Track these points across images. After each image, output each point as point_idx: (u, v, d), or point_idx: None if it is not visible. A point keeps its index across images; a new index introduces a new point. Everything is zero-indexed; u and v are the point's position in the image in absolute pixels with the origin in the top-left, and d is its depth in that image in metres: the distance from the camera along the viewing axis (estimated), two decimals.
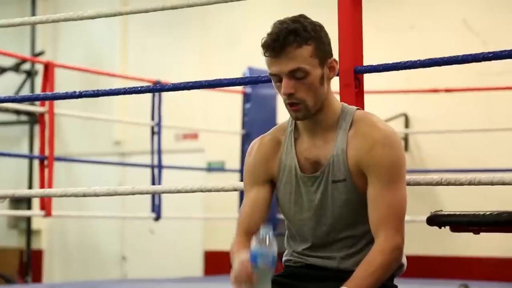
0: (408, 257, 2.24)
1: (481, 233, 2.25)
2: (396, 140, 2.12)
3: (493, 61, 2.62)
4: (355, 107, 2.20)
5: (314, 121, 2.16)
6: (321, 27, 2.14)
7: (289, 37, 2.07)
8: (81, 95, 3.22)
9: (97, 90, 3.24)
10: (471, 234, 2.28)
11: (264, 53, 2.11)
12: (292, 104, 2.11)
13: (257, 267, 1.94)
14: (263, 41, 2.10)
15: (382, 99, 7.45)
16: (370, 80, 2.95)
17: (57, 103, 5.98)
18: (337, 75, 2.77)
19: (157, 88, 3.62)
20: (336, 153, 2.13)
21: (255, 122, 6.93)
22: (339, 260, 2.14)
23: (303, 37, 2.08)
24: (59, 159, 6.16)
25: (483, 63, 2.65)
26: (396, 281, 2.21)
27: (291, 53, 2.08)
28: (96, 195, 3.19)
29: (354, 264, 2.10)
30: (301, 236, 2.19)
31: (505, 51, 2.53)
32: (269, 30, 2.16)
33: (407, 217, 2.16)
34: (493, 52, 2.55)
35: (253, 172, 2.23)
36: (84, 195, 3.21)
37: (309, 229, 2.17)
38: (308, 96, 2.10)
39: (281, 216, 2.28)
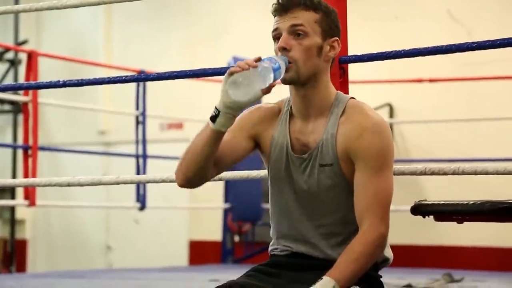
0: (392, 247, 2.25)
1: (465, 223, 2.26)
2: (386, 128, 2.14)
3: (477, 51, 2.63)
4: (349, 96, 2.21)
5: (307, 101, 2.17)
6: (335, 12, 2.20)
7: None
8: (65, 84, 3.21)
9: (81, 80, 3.23)
10: (454, 223, 2.29)
11: (274, 12, 2.17)
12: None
13: (261, 63, 2.04)
14: (275, 1, 2.16)
15: (366, 89, 7.47)
16: (355, 70, 2.95)
17: (41, 92, 5.95)
18: None
19: (142, 78, 3.62)
20: (325, 137, 2.14)
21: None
22: (324, 248, 2.15)
23: (313, 4, 2.14)
24: (43, 148, 6.14)
25: (467, 53, 2.66)
26: (380, 271, 2.22)
27: (297, 12, 2.13)
28: (80, 184, 3.18)
29: (340, 253, 2.11)
30: (286, 220, 2.19)
31: (488, 41, 2.54)
32: (253, 20, 2.17)
33: (391, 207, 2.17)
34: (477, 42, 2.56)
35: (241, 123, 2.24)
36: (69, 185, 3.21)
37: (294, 211, 2.18)
38: (301, 57, 2.12)
39: (266, 206, 2.28)
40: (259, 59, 2.06)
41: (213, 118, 2.09)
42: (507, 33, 2.92)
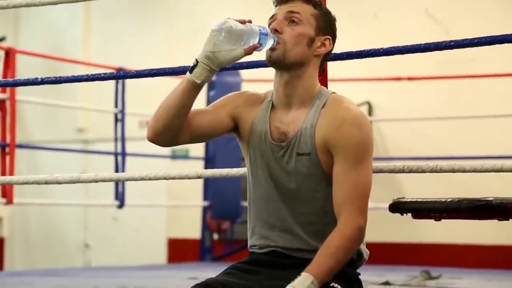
0: (370, 244, 2.26)
1: (442, 220, 2.27)
2: (366, 122, 2.15)
3: (455, 50, 2.65)
4: (331, 91, 2.24)
5: (290, 91, 2.19)
6: (334, 17, 2.25)
7: None
8: (43, 81, 3.19)
9: (60, 77, 3.21)
10: (432, 221, 2.30)
11: (274, 3, 2.22)
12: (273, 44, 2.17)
13: (251, 24, 2.10)
14: None
15: (345, 87, 7.48)
16: (334, 68, 2.96)
17: (19, 89, 5.91)
18: None
19: (120, 75, 3.59)
20: (304, 127, 2.16)
21: None
22: (302, 234, 2.15)
23: (313, 0, 2.20)
24: (20, 146, 6.10)
25: (445, 51, 2.68)
26: (359, 269, 2.23)
27: (296, 2, 2.18)
28: (58, 182, 3.16)
29: (318, 240, 2.12)
30: (265, 206, 2.20)
31: (466, 39, 2.55)
32: (225, 15, 2.18)
33: (369, 204, 2.17)
34: (455, 41, 2.58)
35: (225, 101, 2.26)
36: (46, 183, 3.19)
37: (272, 199, 2.18)
38: (290, 41, 2.15)
39: (245, 204, 2.28)
40: (249, 21, 2.12)
41: (191, 69, 2.13)
42: (485, 32, 2.94)
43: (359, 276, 2.21)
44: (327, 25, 2.22)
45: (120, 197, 6.36)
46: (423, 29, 7.49)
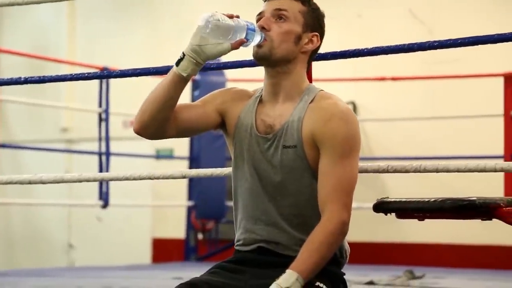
0: (354, 244, 2.27)
1: (426, 220, 2.28)
2: (354, 118, 2.17)
3: (438, 50, 2.66)
4: (320, 88, 2.25)
5: (278, 87, 2.20)
6: (322, 13, 2.25)
7: None
8: (26, 81, 3.18)
9: (43, 76, 3.20)
10: (416, 220, 2.31)
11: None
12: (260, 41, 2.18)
13: (239, 19, 2.11)
14: None
15: (330, 87, 7.44)
16: (318, 68, 2.97)
17: (2, 89, 5.89)
18: None
19: (105, 75, 3.59)
20: (291, 120, 2.16)
21: None
22: (286, 227, 2.15)
23: None
24: (4, 146, 6.08)
25: (429, 51, 2.69)
26: (343, 267, 2.23)
27: (284, 0, 2.18)
28: (42, 182, 3.15)
29: (302, 233, 2.13)
30: (250, 200, 2.20)
31: (450, 40, 2.56)
32: None
33: (354, 204, 2.18)
34: (438, 41, 2.59)
35: (213, 96, 2.28)
36: (30, 182, 3.18)
37: (257, 192, 2.18)
38: (277, 38, 2.16)
39: (230, 203, 2.29)
40: (237, 16, 2.13)
41: (178, 62, 2.14)
42: (468, 32, 2.96)
43: (344, 276, 2.22)
44: (315, 22, 2.22)
45: (104, 197, 6.35)
46: (407, 29, 7.51)
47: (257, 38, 2.15)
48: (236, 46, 2.13)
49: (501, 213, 2.15)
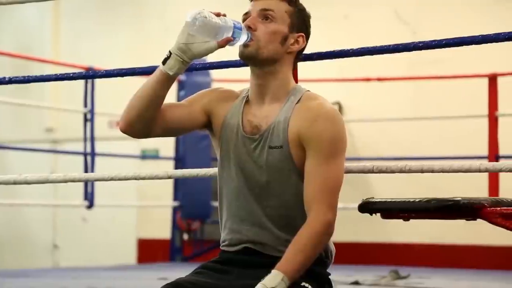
0: (339, 244, 2.28)
1: (411, 220, 2.29)
2: (340, 118, 2.18)
3: (423, 51, 2.67)
4: (306, 89, 2.26)
5: (264, 88, 2.20)
6: (308, 14, 2.25)
7: None
8: (11, 81, 3.16)
9: (28, 76, 3.18)
10: (401, 220, 2.32)
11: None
12: (248, 40, 2.18)
13: (226, 18, 2.11)
14: None
15: (316, 88, 7.45)
16: (304, 69, 2.97)
17: None
18: None
19: (90, 75, 3.58)
20: (277, 120, 2.17)
21: None
22: (271, 228, 2.15)
23: None
24: None
25: (414, 52, 2.70)
26: (328, 269, 2.24)
27: (271, 0, 2.18)
28: (27, 182, 3.14)
29: (287, 233, 2.13)
30: (236, 200, 2.20)
31: (435, 40, 2.58)
32: None
33: (339, 205, 2.18)
34: (423, 42, 2.60)
35: (199, 96, 2.28)
36: (15, 183, 3.16)
37: (243, 192, 2.18)
38: (264, 38, 2.17)
39: (215, 204, 2.28)
40: (224, 15, 2.13)
41: (164, 61, 2.13)
42: (453, 33, 2.97)
43: (329, 276, 2.22)
44: (301, 22, 2.23)
45: (89, 198, 6.32)
46: (393, 30, 7.54)
47: (243, 38, 2.16)
48: (222, 44, 2.13)
49: (486, 213, 2.16)
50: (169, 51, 2.13)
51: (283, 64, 2.21)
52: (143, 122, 2.17)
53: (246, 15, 2.21)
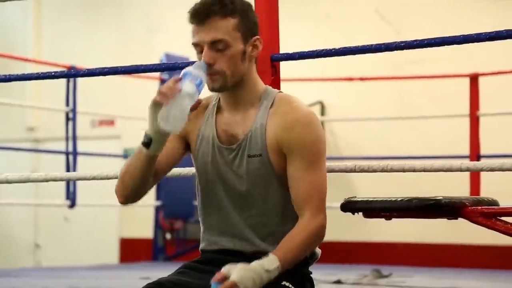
0: (322, 243, 2.27)
1: (393, 219, 2.30)
2: (317, 120, 2.16)
3: (406, 50, 2.68)
4: (277, 90, 2.22)
5: (235, 97, 2.18)
6: (249, 5, 2.17)
7: (215, 6, 2.09)
8: None
9: (10, 75, 3.17)
10: (383, 219, 2.33)
11: (190, 21, 2.14)
12: (210, 73, 2.12)
13: (183, 83, 2.02)
14: (191, 8, 2.13)
15: (298, 87, 7.51)
16: (286, 68, 2.98)
17: None
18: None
19: (72, 74, 3.57)
20: (254, 128, 2.14)
21: None
22: (253, 238, 2.15)
23: (229, 9, 2.10)
24: None
25: (396, 52, 2.72)
26: (310, 267, 2.24)
27: (215, 23, 2.09)
28: (8, 182, 3.12)
29: (269, 244, 2.12)
30: (216, 213, 2.19)
31: (417, 40, 2.59)
32: (186, 16, 2.16)
33: None
34: (405, 42, 2.61)
35: None
36: None
37: (223, 204, 2.17)
38: (227, 68, 2.11)
39: (197, 203, 2.27)
40: (179, 79, 2.04)
41: (147, 145, 2.09)
42: (435, 33, 2.99)
43: (311, 275, 2.22)
44: (250, 26, 2.15)
45: (71, 197, 6.30)
46: (376, 30, 7.56)
47: (204, 79, 2.07)
48: (195, 109, 2.07)
49: (467, 212, 2.18)
50: (147, 135, 2.07)
51: (248, 74, 2.17)
52: (139, 193, 2.21)
53: (196, 47, 2.13)
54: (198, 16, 2.11)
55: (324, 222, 2.11)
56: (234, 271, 1.97)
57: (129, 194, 2.20)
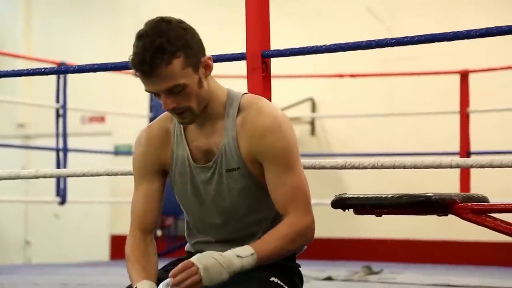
0: (313, 240, 2.28)
1: (383, 216, 2.30)
2: (285, 123, 2.10)
3: (396, 47, 2.69)
4: (241, 92, 2.16)
5: (200, 113, 2.12)
6: (186, 29, 2.03)
7: (156, 57, 1.97)
8: None
9: (0, 71, 3.16)
10: (373, 216, 2.33)
11: (134, 72, 2.03)
12: (177, 113, 2.07)
13: None
14: (130, 59, 2.02)
15: (289, 84, 7.53)
16: (278, 65, 2.98)
17: None
18: (245, 59, 2.80)
19: (62, 70, 3.56)
20: (227, 141, 2.10)
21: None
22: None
23: (170, 52, 1.98)
24: None
25: (386, 49, 2.72)
26: (300, 264, 2.24)
27: (163, 73, 1.98)
28: None
29: None
30: (202, 227, 2.19)
31: (407, 37, 2.59)
32: (177, 12, 2.13)
33: (312, 201, 2.19)
34: (395, 39, 2.62)
35: (143, 165, 2.19)
36: None
37: (209, 219, 2.16)
38: (190, 102, 2.05)
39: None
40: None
41: None
42: (425, 30, 2.99)
43: (300, 269, 2.21)
44: (196, 53, 2.04)
45: (61, 194, 6.28)
46: (366, 27, 7.57)
47: None
48: None
49: (457, 209, 2.18)
50: None
51: (209, 90, 2.09)
52: None
53: (155, 95, 2.05)
54: (143, 70, 2.00)
55: (311, 222, 2.09)
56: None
57: None
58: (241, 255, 1.97)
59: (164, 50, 1.98)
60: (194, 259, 1.94)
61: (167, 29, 2.00)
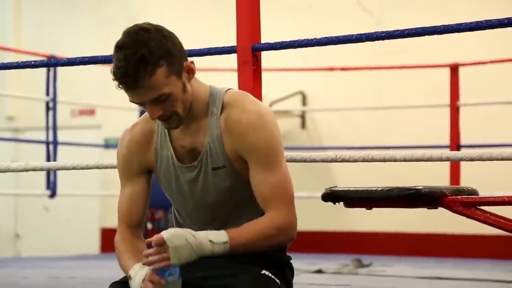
0: (303, 233, 2.28)
1: (373, 209, 2.31)
2: (269, 119, 2.09)
3: (386, 41, 2.69)
4: (224, 89, 2.15)
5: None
6: (166, 36, 2.01)
7: (139, 69, 1.95)
8: None
9: None
10: (364, 209, 2.34)
11: (118, 84, 1.99)
12: (163, 119, 2.07)
13: (166, 277, 1.96)
14: (112, 72, 2.00)
15: (279, 77, 7.53)
16: (269, 58, 2.98)
17: None
18: (235, 53, 2.79)
19: (52, 63, 3.55)
20: (211, 140, 2.10)
21: None
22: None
23: (153, 63, 1.96)
24: None
25: (377, 42, 2.72)
26: (291, 257, 2.24)
27: (147, 84, 1.97)
28: None
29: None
30: (190, 222, 2.19)
31: (397, 30, 2.60)
32: (166, 4, 2.13)
33: (303, 194, 2.19)
34: (386, 32, 2.62)
35: (127, 165, 2.20)
36: None
37: (196, 218, 2.17)
38: (176, 108, 2.05)
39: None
40: (161, 278, 1.96)
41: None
42: (415, 23, 3.00)
43: (291, 261, 2.21)
44: (178, 59, 2.02)
45: (51, 187, 6.27)
46: (357, 20, 7.57)
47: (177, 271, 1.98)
48: None
49: (447, 202, 2.19)
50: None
51: (192, 91, 2.08)
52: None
53: (141, 105, 2.04)
54: (126, 83, 1.98)
55: (292, 219, 2.08)
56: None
57: None
58: (214, 241, 1.98)
59: (146, 61, 1.96)
60: (167, 237, 1.95)
61: (147, 38, 1.98)
